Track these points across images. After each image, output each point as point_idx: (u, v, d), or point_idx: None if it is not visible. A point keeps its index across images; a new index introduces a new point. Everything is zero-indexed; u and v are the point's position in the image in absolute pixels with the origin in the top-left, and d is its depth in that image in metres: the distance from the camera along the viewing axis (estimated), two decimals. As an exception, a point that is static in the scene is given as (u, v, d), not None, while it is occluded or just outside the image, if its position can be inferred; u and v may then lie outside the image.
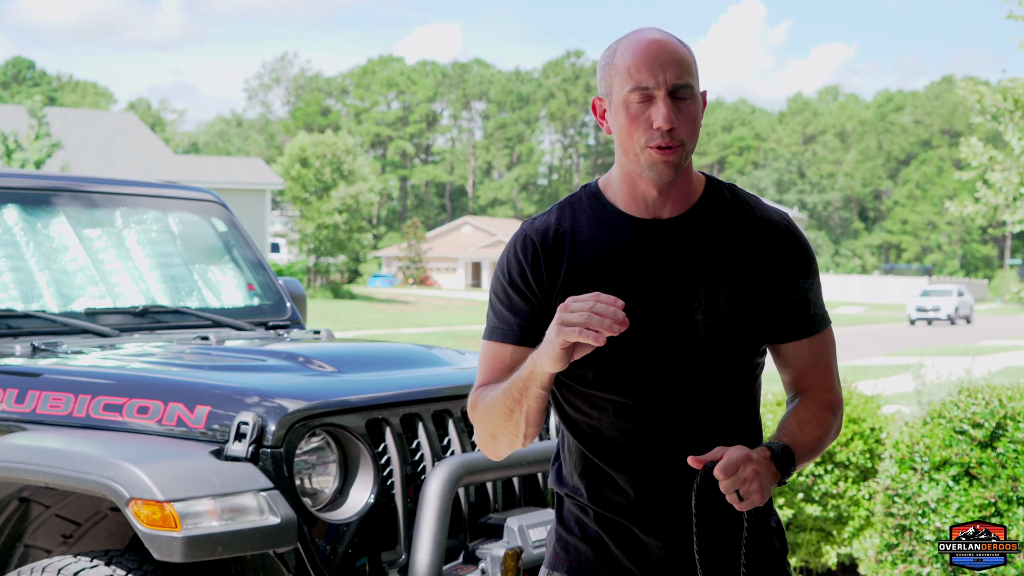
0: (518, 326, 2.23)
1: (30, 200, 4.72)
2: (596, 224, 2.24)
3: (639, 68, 2.14)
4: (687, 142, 2.17)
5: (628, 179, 2.23)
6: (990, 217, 14.43)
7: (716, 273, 2.20)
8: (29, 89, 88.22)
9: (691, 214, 2.24)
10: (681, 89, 2.15)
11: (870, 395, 6.28)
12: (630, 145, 2.17)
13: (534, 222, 2.27)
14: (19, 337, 4.29)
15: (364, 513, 3.53)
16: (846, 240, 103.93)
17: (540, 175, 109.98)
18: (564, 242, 2.23)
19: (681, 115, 2.15)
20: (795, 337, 2.27)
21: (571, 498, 2.32)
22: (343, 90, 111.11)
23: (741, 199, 2.28)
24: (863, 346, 28.50)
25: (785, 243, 2.26)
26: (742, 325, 2.20)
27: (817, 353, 2.30)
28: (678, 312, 2.18)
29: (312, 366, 3.96)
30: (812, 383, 2.30)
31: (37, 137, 29.83)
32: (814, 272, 2.30)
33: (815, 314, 2.28)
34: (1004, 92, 13.82)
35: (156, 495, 3.20)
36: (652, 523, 2.23)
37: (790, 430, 2.22)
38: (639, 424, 2.21)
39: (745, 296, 2.20)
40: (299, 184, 50.98)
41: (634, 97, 2.15)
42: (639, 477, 2.22)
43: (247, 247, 5.33)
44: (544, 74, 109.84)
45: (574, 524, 2.32)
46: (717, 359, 2.20)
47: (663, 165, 2.15)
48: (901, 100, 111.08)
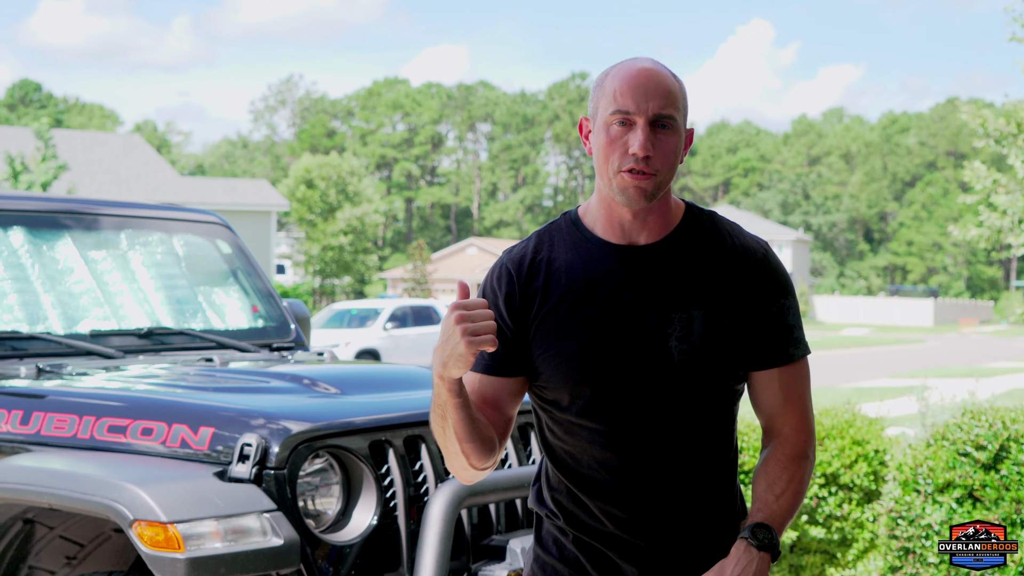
0: (490, 356, 2.24)
1: (36, 222, 4.74)
2: (572, 250, 2.26)
3: (624, 93, 2.17)
4: (661, 172, 2.18)
5: (605, 205, 2.25)
6: (993, 240, 14.42)
7: (690, 299, 2.21)
8: (36, 111, 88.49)
9: (668, 241, 2.25)
10: (663, 119, 2.18)
11: (874, 417, 6.28)
12: (605, 168, 2.20)
13: (512, 251, 2.30)
14: (24, 359, 4.30)
15: (367, 535, 3.54)
16: (851, 261, 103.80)
17: (545, 196, 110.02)
18: (540, 270, 2.25)
19: (659, 145, 2.17)
20: (770, 364, 2.26)
21: (549, 519, 2.33)
22: (349, 112, 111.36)
23: (720, 227, 2.30)
24: (868, 368, 28.45)
25: (761, 269, 2.26)
26: (716, 351, 2.20)
27: (789, 387, 2.28)
28: (652, 338, 2.18)
29: (315, 388, 3.97)
30: (785, 425, 2.28)
31: (44, 159, 29.89)
32: (791, 299, 2.29)
33: (791, 340, 2.27)
34: (1008, 116, 13.83)
35: (159, 516, 3.21)
36: (628, 550, 2.24)
37: (764, 501, 2.23)
38: (613, 451, 2.21)
39: (720, 322, 2.20)
40: (305, 206, 51.11)
41: (615, 120, 2.18)
42: (613, 505, 2.23)
43: (251, 269, 5.35)
44: (549, 96, 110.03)
45: (552, 545, 2.33)
46: (691, 385, 2.20)
47: (634, 190, 2.17)
48: (906, 122, 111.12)
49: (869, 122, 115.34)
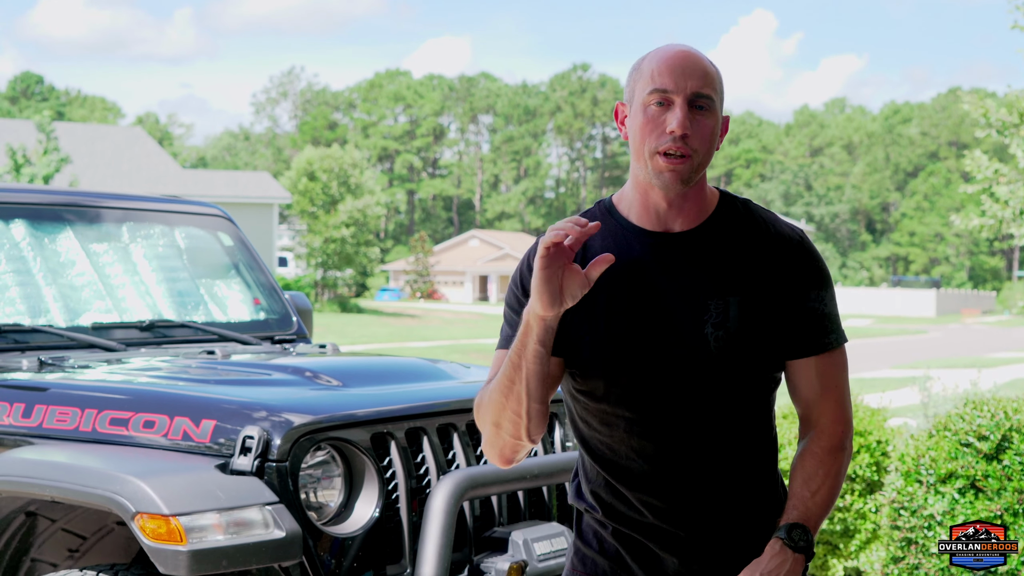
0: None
1: (38, 215, 4.74)
2: (608, 237, 2.24)
3: (662, 72, 2.16)
4: (699, 153, 2.16)
5: (641, 191, 2.24)
6: (995, 230, 14.41)
7: (726, 286, 2.19)
8: (38, 104, 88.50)
9: (703, 228, 2.24)
10: (701, 99, 2.16)
11: (876, 408, 6.28)
12: (642, 149, 2.18)
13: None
14: (26, 351, 4.31)
15: (369, 527, 3.54)
16: (854, 252, 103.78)
17: (547, 188, 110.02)
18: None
19: (697, 125, 2.16)
20: (806, 353, 2.24)
21: (589, 513, 2.33)
22: (350, 104, 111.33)
23: (756, 214, 2.28)
24: (870, 359, 28.44)
25: (798, 257, 2.25)
26: (752, 338, 2.18)
27: (826, 376, 2.26)
28: (688, 324, 2.17)
29: (317, 380, 3.97)
30: (823, 416, 2.26)
31: (45, 152, 29.91)
32: (828, 287, 2.28)
33: (827, 328, 2.25)
34: (1009, 106, 13.81)
35: (161, 509, 3.21)
36: (667, 540, 2.24)
37: (800, 498, 2.22)
38: (649, 440, 2.20)
39: (756, 309, 2.19)
40: (306, 198, 51.06)
41: (653, 99, 2.16)
42: (652, 495, 2.22)
43: (253, 261, 5.35)
44: (551, 87, 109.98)
45: (592, 537, 2.33)
46: (727, 372, 2.18)
47: (670, 175, 2.16)
48: (908, 112, 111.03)
49: (871, 112, 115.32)
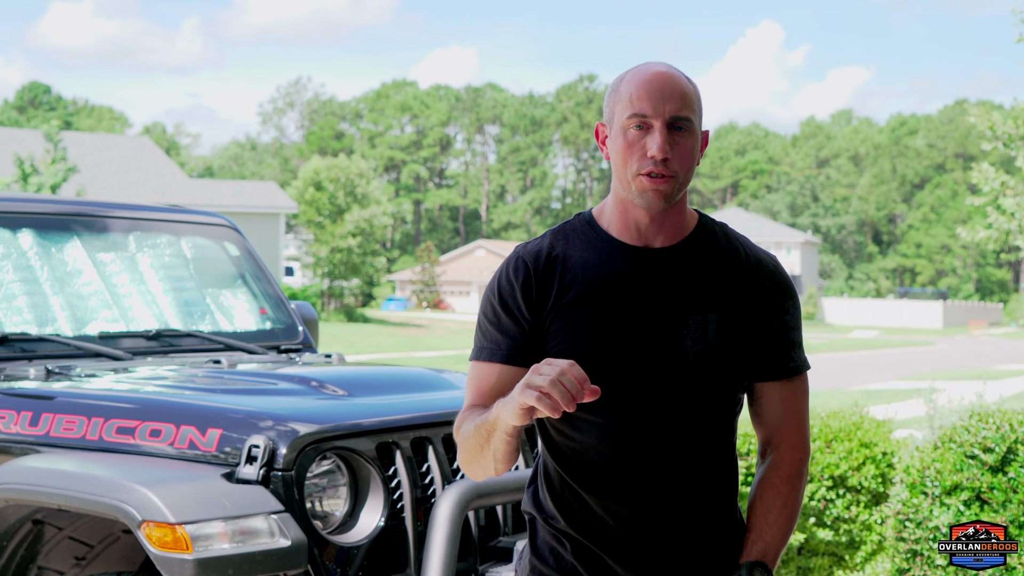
0: (506, 346, 2.25)
1: (45, 224, 4.76)
2: (588, 249, 2.28)
3: (640, 97, 2.20)
4: (680, 174, 2.21)
5: (621, 207, 2.27)
6: (1002, 242, 14.40)
7: (705, 303, 2.24)
8: (45, 113, 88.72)
9: (683, 245, 2.28)
10: (679, 121, 2.20)
11: (882, 420, 6.28)
12: (624, 172, 2.22)
13: (527, 246, 2.31)
14: (33, 360, 4.32)
15: (374, 536, 3.55)
16: (860, 264, 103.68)
17: (553, 199, 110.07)
18: (556, 264, 2.26)
19: (676, 147, 2.20)
20: (773, 376, 2.31)
21: (547, 524, 2.33)
22: (357, 114, 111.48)
23: (732, 238, 2.35)
24: (877, 370, 28.41)
25: (771, 282, 2.31)
26: (729, 353, 2.24)
27: (790, 402, 2.33)
28: (667, 337, 2.21)
29: (323, 390, 3.98)
30: (783, 441, 2.33)
31: (53, 161, 29.99)
32: (797, 312, 2.35)
33: (793, 355, 2.33)
34: (1016, 118, 13.81)
35: (168, 517, 3.22)
36: (627, 553, 2.25)
37: (759, 532, 2.30)
38: (620, 446, 2.22)
39: (733, 327, 2.25)
40: (313, 208, 51.14)
41: (632, 123, 2.20)
42: (617, 503, 2.24)
43: (259, 271, 5.36)
44: (557, 98, 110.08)
45: (548, 554, 2.33)
46: (702, 384, 2.23)
47: (653, 194, 2.20)
48: (915, 124, 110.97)
49: (878, 124, 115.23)
